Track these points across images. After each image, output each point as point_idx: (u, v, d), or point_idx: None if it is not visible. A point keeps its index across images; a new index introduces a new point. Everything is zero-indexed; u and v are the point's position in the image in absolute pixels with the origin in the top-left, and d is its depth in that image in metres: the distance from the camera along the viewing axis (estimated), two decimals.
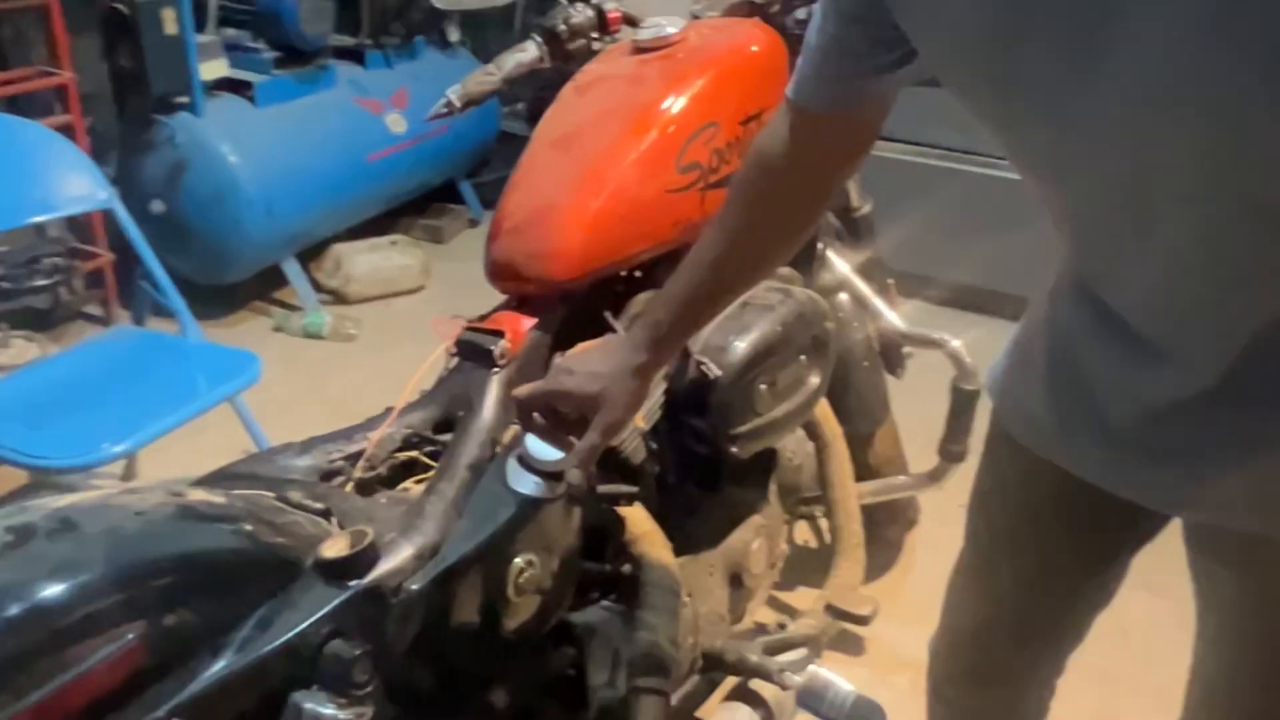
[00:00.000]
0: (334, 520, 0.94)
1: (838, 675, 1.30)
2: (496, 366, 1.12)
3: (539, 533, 1.03)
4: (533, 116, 4.30)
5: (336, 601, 0.83)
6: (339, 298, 3.13)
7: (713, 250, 0.96)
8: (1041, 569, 1.01)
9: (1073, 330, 0.86)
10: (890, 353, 1.86)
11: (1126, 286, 0.77)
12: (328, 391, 2.68)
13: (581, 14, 1.40)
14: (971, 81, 0.74)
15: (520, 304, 1.21)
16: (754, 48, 1.34)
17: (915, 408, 2.04)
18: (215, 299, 3.02)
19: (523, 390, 1.02)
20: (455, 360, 1.17)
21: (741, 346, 1.25)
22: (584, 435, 1.00)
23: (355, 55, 3.22)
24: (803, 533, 2.13)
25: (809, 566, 2.02)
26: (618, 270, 1.23)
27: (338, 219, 3.16)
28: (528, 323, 1.17)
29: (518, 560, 1.00)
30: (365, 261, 3.12)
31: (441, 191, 3.67)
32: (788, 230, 0.97)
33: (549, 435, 1.03)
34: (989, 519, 1.05)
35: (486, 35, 4.33)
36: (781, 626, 1.49)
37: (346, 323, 2.94)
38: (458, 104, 1.37)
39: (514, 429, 1.12)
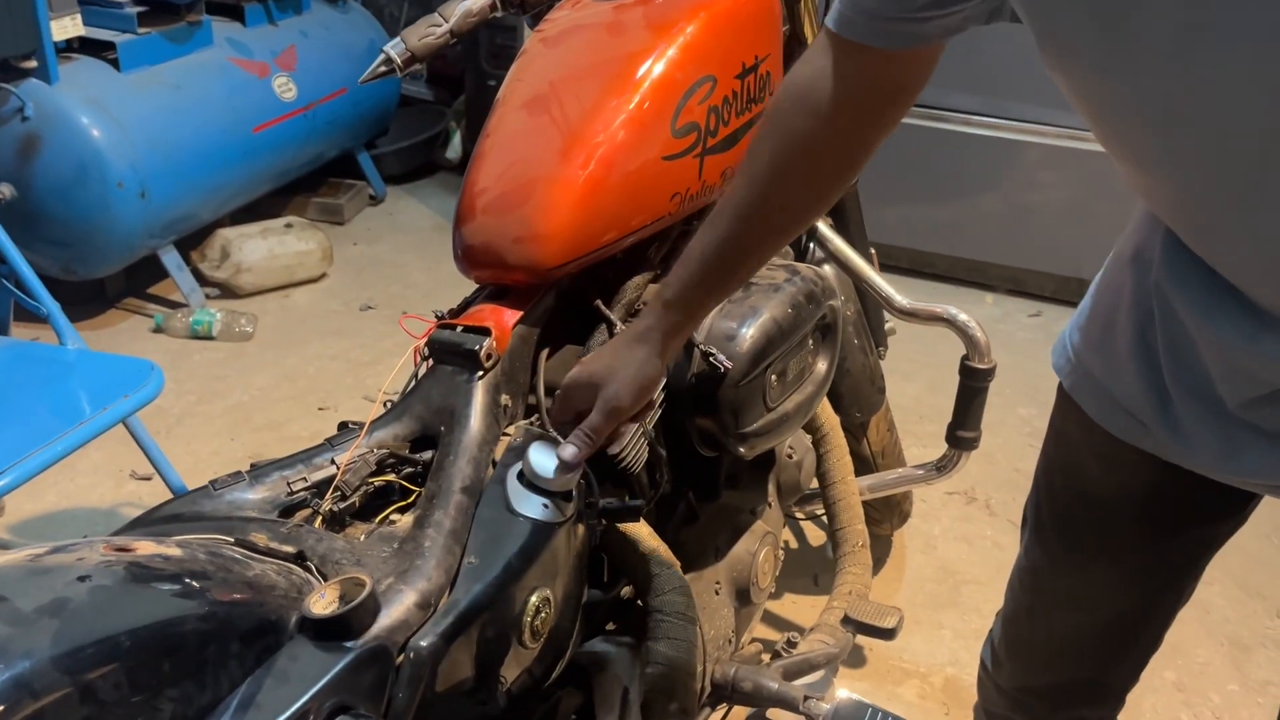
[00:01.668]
0: (311, 566, 0.85)
1: (867, 699, 1.25)
2: (482, 369, 1.03)
3: (551, 562, 0.95)
4: (433, 78, 4.16)
5: (337, 668, 0.74)
6: (229, 291, 2.96)
7: (733, 199, 0.91)
8: (1131, 571, 0.98)
9: (1171, 304, 0.82)
10: (875, 329, 1.83)
11: (1244, 255, 0.74)
12: (226, 399, 2.53)
13: None
14: (1071, 25, 0.69)
15: (499, 294, 1.12)
16: None
17: (896, 389, 2.02)
18: (80, 298, 2.82)
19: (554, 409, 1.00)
20: (428, 365, 1.07)
21: (752, 333, 1.19)
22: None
23: (233, 10, 3.04)
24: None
25: (790, 570, 1.99)
26: (611, 252, 1.15)
27: (222, 200, 2.99)
28: (512, 316, 1.08)
29: (533, 599, 0.92)
30: (257, 248, 2.96)
31: (338, 165, 3.51)
32: (829, 182, 0.92)
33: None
34: (1062, 513, 1.02)
35: None
36: (791, 644, 1.44)
37: (240, 319, 2.78)
38: (399, 61, 1.27)
39: (506, 441, 1.03)
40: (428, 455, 1.01)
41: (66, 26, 2.56)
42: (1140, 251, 0.88)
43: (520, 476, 0.97)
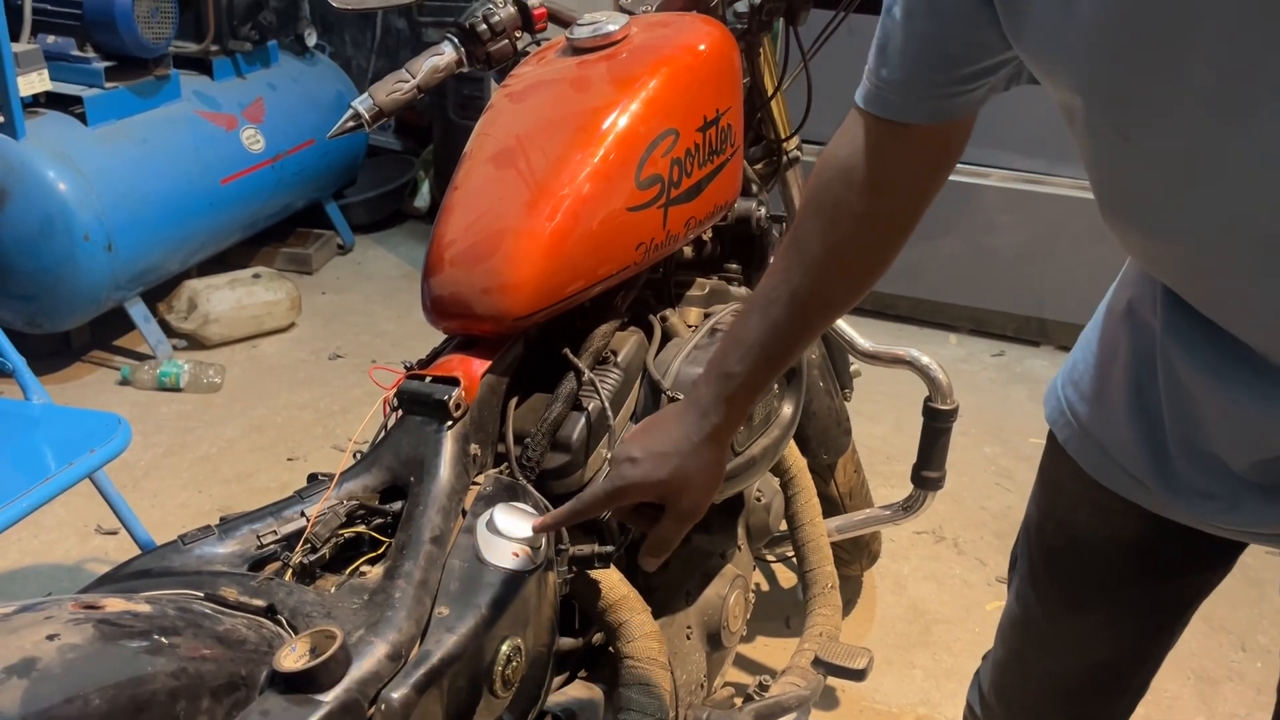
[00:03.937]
0: (282, 620, 0.85)
1: None
2: (451, 419, 1.04)
3: (522, 611, 0.95)
4: (401, 128, 4.19)
5: None
6: (196, 342, 2.95)
7: (789, 283, 0.89)
8: (1122, 618, 0.99)
9: (1174, 367, 0.81)
10: (840, 372, 1.86)
11: (1260, 317, 0.73)
12: (194, 451, 2.51)
13: (503, 10, 1.34)
14: (1092, 93, 0.67)
15: (467, 344, 1.13)
16: (703, 46, 1.30)
17: (862, 430, 2.04)
18: (45, 351, 2.80)
19: (585, 497, 0.98)
20: (397, 415, 1.08)
21: None
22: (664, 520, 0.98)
23: (201, 64, 3.06)
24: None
25: (761, 613, 1.99)
26: (578, 301, 1.16)
27: (189, 251, 2.98)
28: (481, 366, 1.09)
29: (504, 648, 0.92)
30: (225, 299, 2.95)
31: (306, 215, 3.52)
32: (883, 253, 0.90)
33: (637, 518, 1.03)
34: (1053, 561, 1.03)
35: (344, 37, 4.21)
36: (763, 687, 1.44)
37: (208, 370, 2.77)
38: (367, 117, 1.29)
39: (476, 490, 1.04)
40: (397, 506, 1.02)
41: (33, 82, 2.57)
42: (1134, 308, 0.87)
43: (488, 525, 0.98)
